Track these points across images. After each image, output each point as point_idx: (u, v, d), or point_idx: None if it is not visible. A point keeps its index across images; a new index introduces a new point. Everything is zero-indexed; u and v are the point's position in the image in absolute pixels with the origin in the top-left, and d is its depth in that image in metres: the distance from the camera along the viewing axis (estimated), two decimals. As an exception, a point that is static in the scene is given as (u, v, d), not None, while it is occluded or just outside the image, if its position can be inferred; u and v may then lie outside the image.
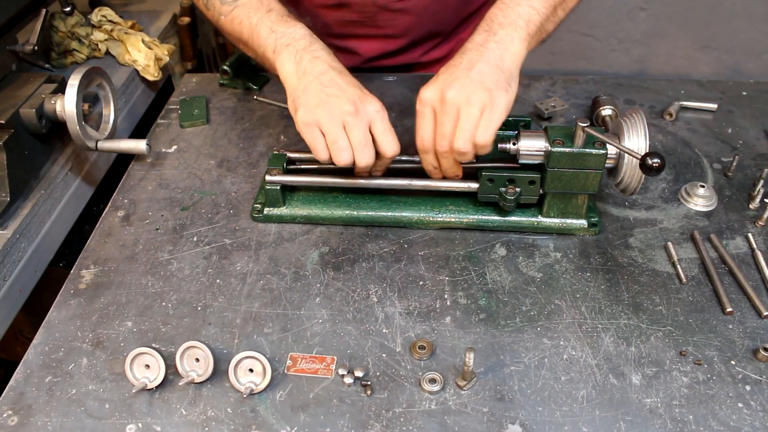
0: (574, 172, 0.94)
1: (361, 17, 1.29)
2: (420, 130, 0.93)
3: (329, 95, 0.90)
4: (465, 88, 0.88)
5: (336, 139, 0.89)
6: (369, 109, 0.91)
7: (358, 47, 1.36)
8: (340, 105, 0.89)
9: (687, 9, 2.08)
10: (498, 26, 0.94)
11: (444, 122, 0.90)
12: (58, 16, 1.35)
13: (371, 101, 0.92)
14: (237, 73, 1.35)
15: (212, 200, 1.10)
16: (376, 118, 0.91)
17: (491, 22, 0.95)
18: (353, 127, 0.89)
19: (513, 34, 0.93)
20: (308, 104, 0.91)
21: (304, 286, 0.95)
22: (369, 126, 0.91)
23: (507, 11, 0.95)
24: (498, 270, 0.97)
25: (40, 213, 1.07)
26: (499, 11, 0.96)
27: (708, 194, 1.06)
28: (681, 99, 1.29)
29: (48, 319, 0.91)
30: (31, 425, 0.79)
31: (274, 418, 0.79)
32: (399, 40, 1.35)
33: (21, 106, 1.05)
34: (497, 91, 0.88)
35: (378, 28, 1.31)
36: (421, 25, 1.33)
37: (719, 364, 0.83)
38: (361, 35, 1.34)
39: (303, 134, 0.92)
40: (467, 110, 0.88)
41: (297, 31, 0.98)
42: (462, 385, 0.81)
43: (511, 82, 0.91)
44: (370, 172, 0.99)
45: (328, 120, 0.89)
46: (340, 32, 1.33)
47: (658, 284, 0.94)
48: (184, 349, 0.82)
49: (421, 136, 0.93)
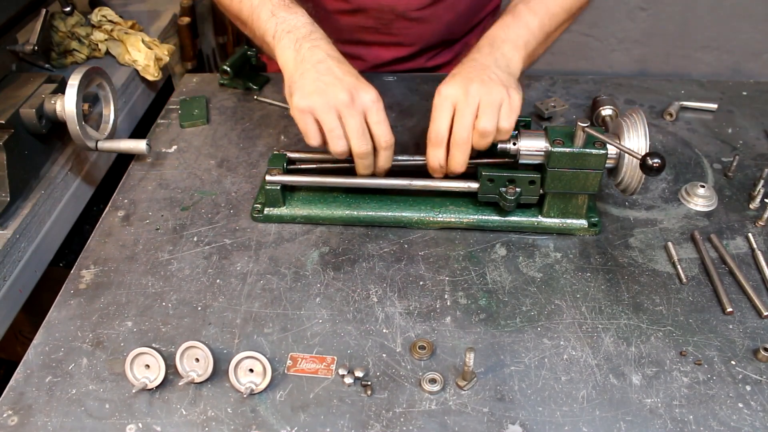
0: (574, 172, 0.94)
1: (377, 24, 1.28)
2: (435, 122, 0.92)
3: (326, 83, 0.90)
4: (485, 85, 0.91)
5: (332, 128, 0.90)
6: (365, 99, 0.91)
7: (366, 54, 1.36)
8: (336, 93, 0.89)
9: (687, 9, 2.08)
10: (501, 42, 0.99)
11: (465, 113, 0.91)
12: (58, 16, 1.35)
13: (367, 90, 0.92)
14: (237, 73, 1.35)
15: (212, 200, 1.10)
16: (371, 108, 0.92)
17: (493, 38, 1.00)
18: (348, 116, 0.90)
19: (513, 51, 0.99)
20: (303, 90, 0.91)
21: (304, 286, 0.95)
22: (365, 115, 0.91)
23: (508, 31, 1.01)
24: (498, 270, 0.97)
25: (40, 213, 1.07)
26: (501, 31, 1.01)
27: (708, 194, 1.06)
28: (681, 99, 1.29)
29: (48, 319, 0.91)
30: (31, 425, 0.78)
31: (274, 418, 0.79)
32: (410, 47, 1.35)
33: (21, 106, 1.05)
34: (512, 89, 0.92)
35: (392, 36, 1.31)
36: (434, 34, 1.33)
37: (719, 364, 0.83)
38: (372, 42, 1.34)
39: (297, 120, 0.92)
40: (488, 99, 0.90)
41: (298, 18, 0.98)
42: (462, 385, 0.81)
43: (518, 86, 0.95)
44: (373, 173, 0.99)
45: (323, 107, 0.90)
46: (351, 38, 1.33)
47: (658, 284, 0.94)
48: (184, 349, 0.82)
49: (437, 128, 0.92)
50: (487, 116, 0.90)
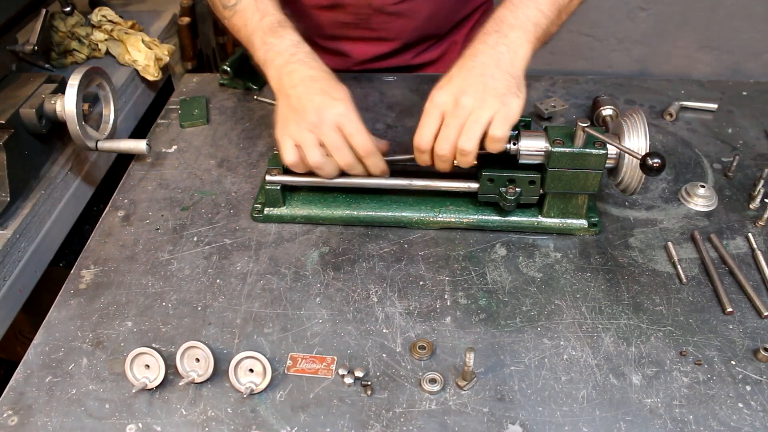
0: (574, 172, 0.94)
1: (355, 19, 1.28)
2: (422, 129, 0.92)
3: (295, 110, 0.95)
4: (479, 95, 0.89)
5: (307, 151, 0.94)
6: (333, 114, 0.93)
7: (350, 50, 1.36)
8: (306, 117, 0.93)
9: (687, 9, 2.08)
10: (508, 27, 0.94)
11: (450, 124, 0.90)
12: (58, 16, 1.35)
13: (334, 105, 0.93)
14: (237, 73, 1.35)
15: (212, 200, 1.10)
16: (341, 122, 0.93)
17: (501, 22, 0.95)
18: (322, 135, 0.93)
19: (522, 36, 0.94)
20: (280, 120, 0.97)
21: (304, 286, 0.95)
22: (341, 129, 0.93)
23: (516, 12, 0.95)
24: (498, 270, 0.97)
25: (40, 213, 1.07)
26: (509, 12, 0.96)
27: (708, 194, 1.06)
28: (681, 99, 1.29)
29: (48, 319, 0.91)
30: (31, 425, 0.78)
31: (274, 418, 0.79)
32: (392, 42, 1.34)
33: (21, 106, 1.05)
34: (509, 96, 0.89)
35: (372, 31, 1.31)
36: (415, 29, 1.33)
37: (719, 364, 0.83)
38: (354, 38, 1.34)
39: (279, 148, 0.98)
40: (478, 114, 0.88)
41: (282, 42, 1.01)
42: (462, 385, 0.81)
43: (521, 86, 0.92)
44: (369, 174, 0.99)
45: (297, 133, 0.94)
46: (333, 34, 1.33)
47: (658, 284, 0.94)
48: (185, 349, 0.82)
49: (421, 135, 0.92)
50: (468, 135, 0.89)
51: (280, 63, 0.99)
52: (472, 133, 0.88)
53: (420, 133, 0.93)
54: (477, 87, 0.90)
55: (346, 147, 0.94)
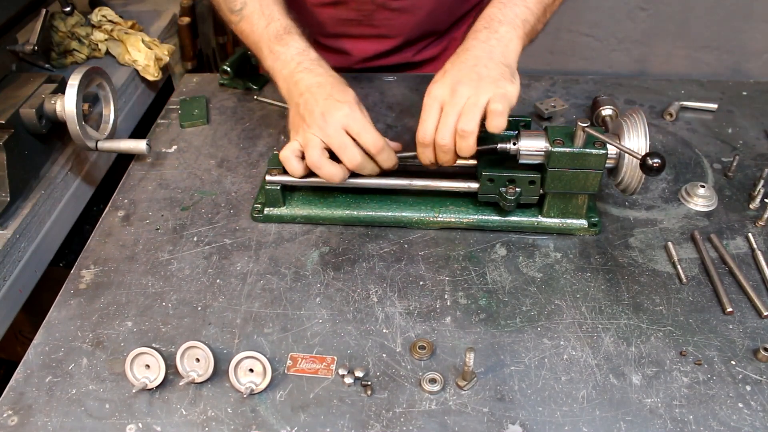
0: (574, 172, 0.94)
1: (358, 16, 1.29)
2: (423, 124, 0.93)
3: (303, 118, 0.97)
4: (474, 83, 0.90)
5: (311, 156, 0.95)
6: (338, 116, 0.94)
7: (352, 48, 1.36)
8: (313, 122, 0.95)
9: (687, 9, 2.08)
10: (498, 23, 0.97)
11: (449, 112, 0.91)
12: (58, 16, 1.35)
13: (338, 108, 0.94)
14: (237, 73, 1.35)
15: (212, 200, 1.10)
16: (347, 123, 0.94)
17: (491, 20, 0.98)
18: (328, 138, 0.94)
19: (511, 32, 0.96)
20: (291, 129, 1.01)
21: (304, 286, 0.95)
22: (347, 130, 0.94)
23: (504, 10, 0.98)
24: (498, 270, 0.97)
25: (40, 213, 1.07)
26: (497, 10, 0.99)
27: (708, 194, 1.06)
28: (681, 99, 1.29)
29: (48, 319, 0.91)
30: (31, 425, 0.78)
31: (274, 418, 0.79)
32: (393, 40, 1.35)
33: (21, 106, 1.05)
34: (503, 81, 0.91)
35: (373, 28, 1.31)
36: (417, 25, 1.33)
37: (719, 364, 0.83)
38: (356, 35, 1.34)
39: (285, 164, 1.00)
40: (475, 98, 0.90)
41: (288, 52, 1.02)
42: (462, 385, 0.81)
43: (515, 75, 0.94)
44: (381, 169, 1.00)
45: (306, 142, 0.96)
46: (334, 32, 1.33)
47: (658, 284, 0.94)
48: (185, 349, 0.82)
49: (424, 129, 0.93)
50: (467, 117, 0.90)
51: (287, 73, 1.01)
52: (471, 115, 0.89)
53: (422, 127, 0.93)
54: (472, 76, 0.91)
55: (353, 146, 0.94)
